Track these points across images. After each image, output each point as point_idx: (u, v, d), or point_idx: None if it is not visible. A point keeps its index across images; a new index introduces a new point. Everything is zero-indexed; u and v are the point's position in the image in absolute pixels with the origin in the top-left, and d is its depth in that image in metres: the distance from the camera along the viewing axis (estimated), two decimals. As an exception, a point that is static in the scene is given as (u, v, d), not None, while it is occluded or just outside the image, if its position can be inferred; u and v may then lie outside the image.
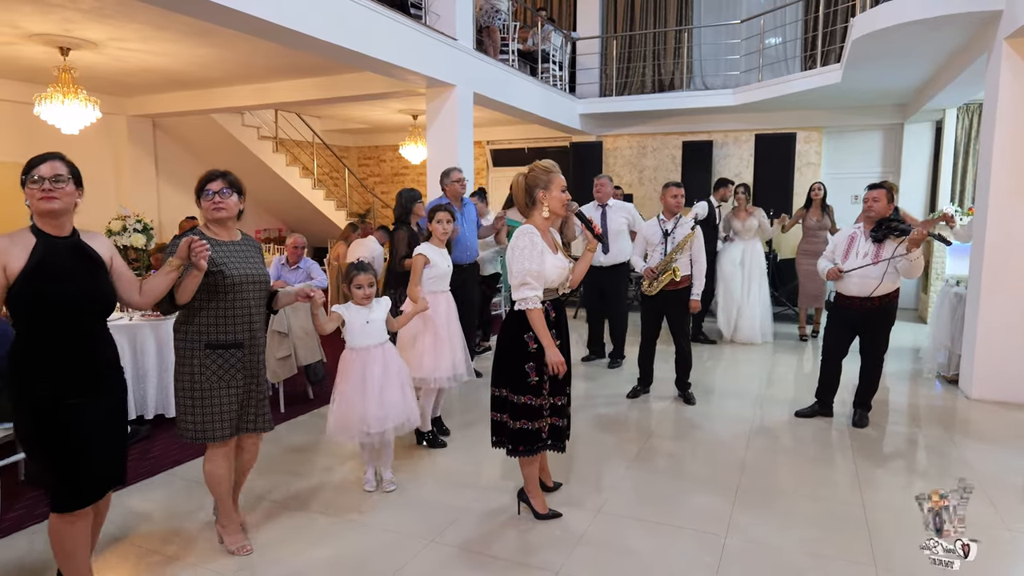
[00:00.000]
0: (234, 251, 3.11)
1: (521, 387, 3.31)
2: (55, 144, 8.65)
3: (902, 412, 5.45)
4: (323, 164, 13.53)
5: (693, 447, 4.68)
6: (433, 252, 4.45)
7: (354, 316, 3.78)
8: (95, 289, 2.58)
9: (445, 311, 4.51)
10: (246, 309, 3.09)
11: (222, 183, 3.07)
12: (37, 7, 5.76)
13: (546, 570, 3.07)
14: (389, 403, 3.72)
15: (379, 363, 3.76)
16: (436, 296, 4.46)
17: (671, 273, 5.35)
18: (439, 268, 4.47)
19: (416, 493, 3.92)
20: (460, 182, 6.00)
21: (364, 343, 3.77)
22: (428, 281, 4.43)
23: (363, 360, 3.74)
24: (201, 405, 3.03)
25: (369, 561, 3.17)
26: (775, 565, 3.12)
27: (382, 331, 3.83)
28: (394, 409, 3.74)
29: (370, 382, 3.70)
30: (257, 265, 3.18)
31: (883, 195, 4.68)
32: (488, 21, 9.01)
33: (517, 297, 3.24)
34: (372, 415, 3.66)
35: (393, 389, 3.77)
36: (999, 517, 3.56)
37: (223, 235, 3.13)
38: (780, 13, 10.47)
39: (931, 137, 10.10)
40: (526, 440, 3.35)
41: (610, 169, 11.88)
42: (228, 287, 3.02)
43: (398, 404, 3.76)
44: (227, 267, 3.01)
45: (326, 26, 5.63)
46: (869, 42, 6.53)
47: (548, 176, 3.33)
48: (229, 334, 3.04)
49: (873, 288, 4.66)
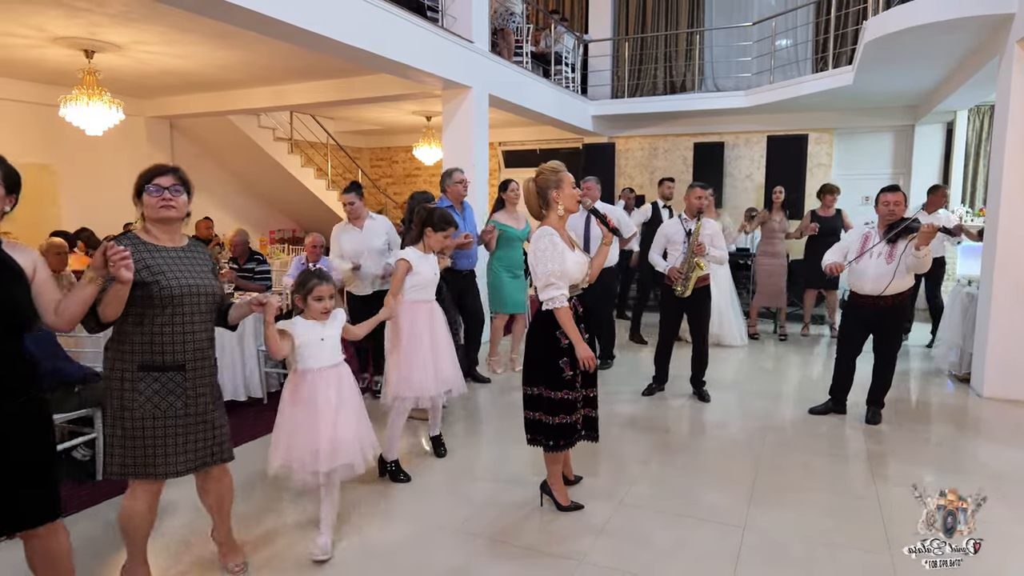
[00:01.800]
0: (177, 258, 2.73)
1: (557, 383, 3.41)
2: (79, 145, 8.79)
3: (914, 410, 5.53)
4: (336, 165, 13.65)
5: (709, 443, 4.77)
6: (418, 258, 4.08)
7: (307, 332, 3.21)
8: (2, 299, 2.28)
9: (427, 322, 4.10)
10: (188, 326, 2.70)
11: (173, 178, 2.70)
12: (64, 11, 5.89)
13: (570, 559, 3.17)
14: (342, 437, 3.16)
15: (333, 387, 3.22)
16: (416, 306, 4.07)
17: (698, 270, 5.43)
18: (423, 276, 4.08)
19: (436, 487, 4.01)
20: (463, 183, 5.88)
21: (318, 364, 3.21)
22: (409, 289, 4.07)
23: (314, 384, 3.18)
24: (132, 436, 2.64)
25: (397, 551, 3.27)
26: (792, 554, 3.21)
27: (336, 349, 3.31)
28: (347, 444, 3.18)
29: (324, 411, 3.15)
30: (203, 275, 2.79)
31: (901, 198, 4.79)
32: (502, 24, 9.12)
33: (544, 298, 3.33)
34: (324, 450, 3.12)
35: (348, 420, 3.21)
36: (1012, 512, 3.64)
37: (165, 239, 2.74)
38: (792, 15, 10.55)
39: (942, 139, 10.15)
40: (566, 434, 3.46)
41: (622, 170, 11.97)
42: (166, 300, 2.63)
43: (351, 439, 3.20)
44: (165, 277, 2.63)
45: (347, 29, 5.74)
46: (881, 45, 6.60)
47: (557, 176, 3.44)
48: (167, 354, 2.65)
49: (885, 286, 4.72)
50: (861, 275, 4.84)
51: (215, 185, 11.95)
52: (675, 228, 5.69)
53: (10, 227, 7.96)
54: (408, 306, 4.03)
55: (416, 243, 4.14)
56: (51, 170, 9.24)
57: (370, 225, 5.56)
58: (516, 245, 6.24)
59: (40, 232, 8.17)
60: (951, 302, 6.63)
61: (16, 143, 8.75)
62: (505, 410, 5.46)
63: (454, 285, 5.77)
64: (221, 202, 12.02)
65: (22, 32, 6.53)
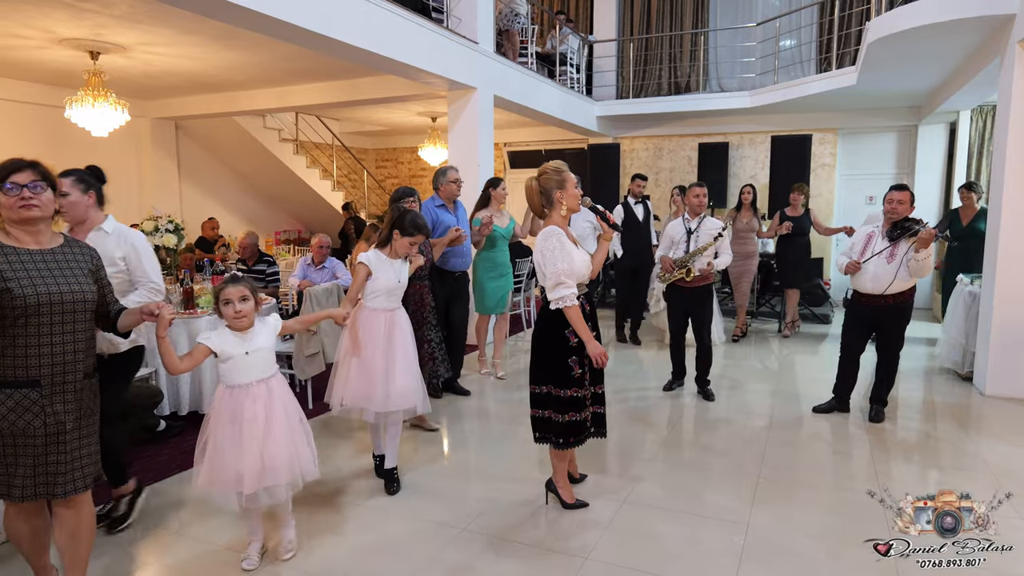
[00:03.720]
0: (41, 263, 2.47)
1: (566, 381, 3.44)
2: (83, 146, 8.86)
3: (917, 408, 5.55)
4: (342, 166, 13.69)
5: (713, 440, 4.79)
6: (380, 263, 3.79)
7: (229, 346, 2.92)
8: None
9: (383, 332, 3.78)
10: (46, 338, 2.43)
11: (32, 174, 2.45)
12: (71, 12, 5.92)
13: (575, 556, 3.19)
14: (273, 455, 2.91)
15: (262, 402, 2.95)
16: (373, 314, 3.78)
17: (683, 272, 5.51)
18: (382, 283, 3.78)
19: (439, 485, 4.04)
20: (456, 183, 5.68)
21: (244, 379, 2.94)
22: (369, 296, 3.80)
23: (240, 401, 2.92)
24: None
25: (402, 548, 3.30)
26: (795, 552, 3.23)
27: (268, 361, 3.03)
28: (276, 465, 2.92)
29: (250, 429, 2.89)
30: (74, 280, 2.51)
31: (907, 197, 4.80)
32: (507, 25, 9.14)
33: (553, 297, 3.35)
34: (250, 471, 2.86)
35: (278, 438, 2.95)
36: (1013, 510, 3.65)
37: (29, 241, 2.49)
38: (796, 16, 10.56)
39: (945, 139, 10.16)
40: (575, 431, 3.49)
41: (626, 171, 11.97)
42: (19, 309, 2.36)
43: (282, 459, 2.94)
44: (19, 284, 2.37)
45: (351, 30, 5.76)
46: (884, 45, 6.62)
47: (561, 176, 3.47)
48: (19, 368, 2.39)
49: (887, 285, 4.75)
50: (862, 274, 4.88)
51: (220, 186, 12.00)
52: (677, 227, 5.77)
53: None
54: (365, 313, 3.79)
55: (384, 246, 3.87)
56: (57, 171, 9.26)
57: None
58: (500, 244, 5.97)
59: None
60: (954, 300, 6.64)
61: (22, 144, 8.76)
62: (511, 408, 5.48)
63: (444, 287, 5.62)
64: (226, 203, 12.07)
65: (28, 33, 6.56)
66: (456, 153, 7.85)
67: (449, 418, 5.28)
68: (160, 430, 4.76)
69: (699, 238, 5.59)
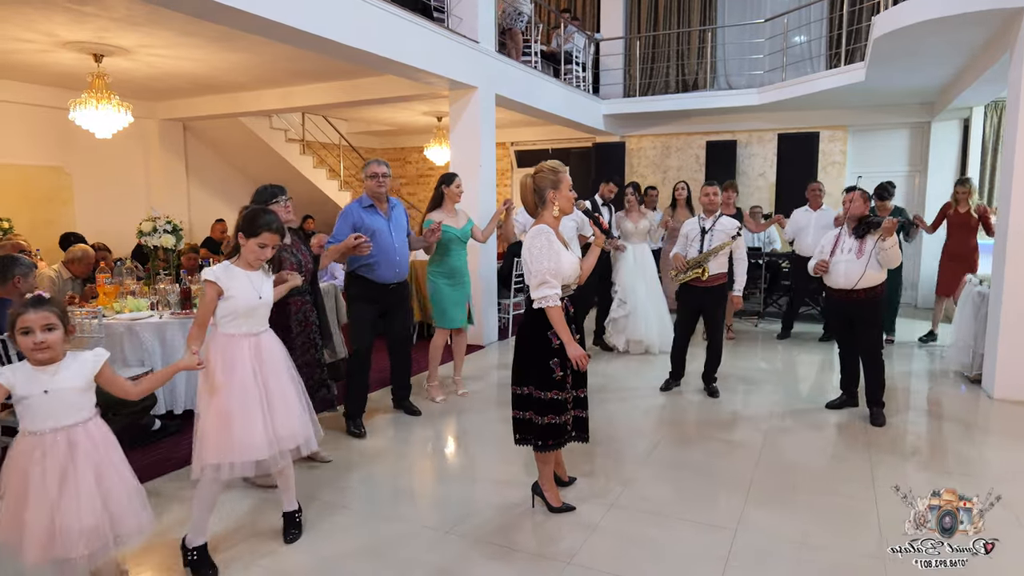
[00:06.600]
0: None
1: (547, 383, 3.39)
2: (91, 148, 8.88)
3: (924, 411, 5.46)
4: (349, 166, 13.71)
5: (708, 442, 4.71)
6: (231, 277, 3.04)
7: (26, 384, 2.39)
8: None
9: (250, 361, 3.03)
10: None
11: None
12: (72, 16, 5.96)
13: (557, 560, 3.14)
14: (67, 524, 2.36)
15: (58, 457, 2.39)
16: (234, 341, 3.03)
17: (698, 272, 5.52)
18: (240, 301, 3.02)
19: (425, 488, 4.02)
20: (375, 177, 4.83)
21: (39, 425, 2.40)
22: (224, 320, 3.03)
23: (40, 452, 2.39)
24: None
25: (385, 551, 3.26)
26: (782, 556, 3.16)
27: (75, 405, 2.46)
28: (72, 534, 2.37)
29: (35, 489, 2.37)
30: None
31: (857, 196, 5.04)
32: (511, 24, 9.09)
33: (537, 296, 3.30)
34: (36, 539, 2.35)
35: (80, 500, 2.40)
36: (1014, 515, 3.56)
37: None
38: (804, 11, 10.45)
39: (959, 135, 9.98)
40: (555, 434, 3.44)
41: (634, 169, 11.91)
42: None
43: (91, 520, 2.40)
44: None
45: (349, 31, 5.75)
46: (890, 40, 6.51)
47: (557, 176, 3.42)
48: None
49: (857, 279, 4.90)
50: (834, 271, 5.05)
51: (228, 186, 12.04)
52: (692, 226, 5.81)
53: (25, 228, 8.09)
54: (222, 341, 3.02)
55: (235, 256, 3.16)
56: (64, 172, 9.34)
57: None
58: (456, 248, 5.44)
59: (54, 233, 8.28)
60: (962, 301, 6.52)
61: (29, 146, 8.88)
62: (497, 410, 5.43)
63: (380, 301, 4.88)
64: (234, 203, 12.09)
65: (31, 37, 6.60)
66: (458, 152, 7.82)
67: (428, 415, 5.25)
68: (155, 429, 4.76)
69: (714, 237, 5.57)
